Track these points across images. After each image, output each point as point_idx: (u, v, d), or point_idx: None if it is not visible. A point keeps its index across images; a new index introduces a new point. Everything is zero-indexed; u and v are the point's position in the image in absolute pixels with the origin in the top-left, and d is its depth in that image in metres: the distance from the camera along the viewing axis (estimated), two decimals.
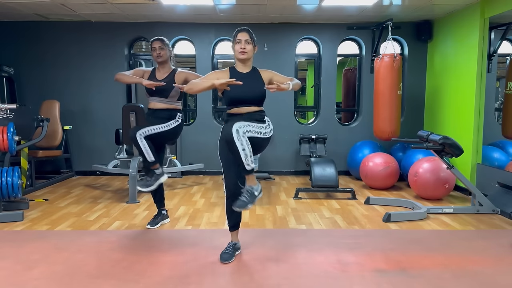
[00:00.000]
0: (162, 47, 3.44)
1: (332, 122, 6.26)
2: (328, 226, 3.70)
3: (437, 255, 2.96)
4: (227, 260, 2.81)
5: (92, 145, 6.15)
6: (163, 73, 3.50)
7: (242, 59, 2.80)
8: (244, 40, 2.78)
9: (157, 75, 3.49)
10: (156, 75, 3.49)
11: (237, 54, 2.80)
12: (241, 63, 2.84)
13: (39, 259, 2.87)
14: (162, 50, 3.44)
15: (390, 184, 5.20)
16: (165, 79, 3.43)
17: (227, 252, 2.87)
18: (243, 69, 2.85)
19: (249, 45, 2.79)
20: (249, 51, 2.80)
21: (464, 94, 5.00)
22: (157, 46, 3.44)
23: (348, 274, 2.65)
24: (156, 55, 3.44)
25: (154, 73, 3.51)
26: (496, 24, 4.98)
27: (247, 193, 2.64)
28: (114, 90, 6.11)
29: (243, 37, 2.78)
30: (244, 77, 2.78)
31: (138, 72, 3.53)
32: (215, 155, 2.99)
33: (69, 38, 6.02)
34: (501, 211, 4.05)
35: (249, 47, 2.79)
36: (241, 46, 2.77)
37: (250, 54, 2.81)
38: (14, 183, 3.82)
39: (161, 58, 3.45)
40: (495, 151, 5.09)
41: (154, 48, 3.45)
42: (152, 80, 3.41)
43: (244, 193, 2.65)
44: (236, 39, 2.80)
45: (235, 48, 2.81)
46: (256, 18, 5.69)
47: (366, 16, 5.58)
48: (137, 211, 4.19)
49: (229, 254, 2.85)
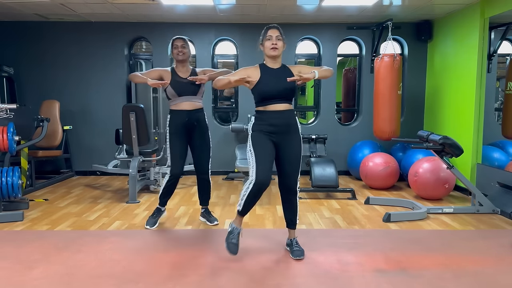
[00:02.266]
0: (184, 46, 3.47)
1: (332, 122, 6.26)
2: (328, 226, 3.70)
3: (437, 255, 2.96)
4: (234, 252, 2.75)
5: (92, 145, 6.15)
6: (185, 72, 3.50)
7: (273, 55, 2.83)
8: (275, 36, 2.81)
9: (179, 74, 3.48)
10: (179, 74, 3.48)
11: (268, 51, 2.83)
12: (271, 60, 2.87)
13: (39, 259, 2.87)
14: (184, 49, 3.46)
15: (390, 184, 5.20)
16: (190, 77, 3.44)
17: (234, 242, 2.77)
18: (273, 65, 2.88)
19: (280, 41, 2.83)
20: (280, 48, 2.83)
21: (464, 94, 5.00)
22: (179, 44, 3.46)
23: (348, 274, 2.65)
24: (177, 52, 3.45)
25: (175, 73, 3.49)
26: (496, 24, 4.98)
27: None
28: (114, 90, 6.11)
29: (274, 34, 2.82)
30: (274, 72, 2.83)
31: (154, 72, 3.51)
32: (215, 155, 2.99)
33: (69, 38, 6.02)
34: (501, 211, 4.05)
35: (280, 44, 2.83)
36: (272, 42, 2.80)
37: (280, 50, 2.85)
38: (14, 183, 3.82)
39: (182, 56, 3.46)
40: (495, 151, 5.09)
41: (176, 45, 3.46)
42: (178, 80, 3.42)
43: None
44: (266, 35, 2.83)
45: (266, 44, 2.83)
46: (256, 18, 5.69)
47: (366, 16, 5.58)
48: (137, 211, 4.19)
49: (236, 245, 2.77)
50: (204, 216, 3.79)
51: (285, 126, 2.81)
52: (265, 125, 2.79)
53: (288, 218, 2.98)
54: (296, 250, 2.92)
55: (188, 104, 3.45)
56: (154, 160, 5.03)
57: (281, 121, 2.80)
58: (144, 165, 5.00)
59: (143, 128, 4.62)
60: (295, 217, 2.96)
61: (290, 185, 2.87)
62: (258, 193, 2.71)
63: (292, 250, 2.94)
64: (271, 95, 2.79)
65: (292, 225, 2.98)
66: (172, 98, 3.47)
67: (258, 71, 2.84)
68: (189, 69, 3.55)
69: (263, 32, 2.86)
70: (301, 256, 2.88)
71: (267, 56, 2.87)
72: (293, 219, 2.96)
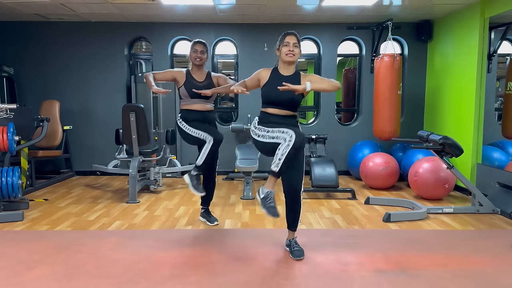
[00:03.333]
0: (203, 52, 3.50)
1: (332, 122, 6.26)
2: (328, 226, 3.70)
3: (437, 255, 2.96)
4: (276, 215, 2.77)
5: (92, 145, 6.15)
6: (200, 76, 3.54)
7: (288, 61, 2.87)
8: (293, 43, 2.85)
9: (195, 77, 3.51)
10: (196, 78, 3.51)
11: (284, 57, 2.86)
12: (286, 65, 2.91)
13: (39, 259, 2.87)
14: (203, 54, 3.50)
15: (390, 184, 5.20)
16: (204, 81, 3.51)
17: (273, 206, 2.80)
18: (285, 72, 2.92)
19: (297, 48, 2.87)
20: (296, 54, 2.87)
21: (464, 94, 5.00)
22: (199, 49, 3.49)
23: (348, 274, 2.65)
24: (195, 57, 3.48)
25: (191, 76, 3.52)
26: (496, 24, 4.98)
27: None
28: (114, 90, 6.12)
29: (292, 40, 2.84)
30: (283, 79, 2.85)
31: (168, 73, 3.55)
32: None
33: (69, 38, 6.02)
34: (501, 211, 4.05)
35: (297, 51, 2.87)
36: (290, 49, 2.84)
37: (297, 57, 2.89)
38: (14, 183, 3.82)
39: (200, 61, 3.49)
40: (495, 151, 5.09)
41: (195, 50, 3.49)
42: (192, 83, 3.45)
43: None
44: (284, 41, 2.86)
45: (282, 50, 2.87)
46: (256, 18, 5.70)
47: (366, 16, 5.58)
48: (137, 211, 4.19)
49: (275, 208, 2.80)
50: (204, 216, 3.79)
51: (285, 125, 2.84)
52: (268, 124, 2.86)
53: (290, 219, 2.97)
54: (296, 250, 2.93)
55: (199, 106, 3.49)
56: (154, 160, 5.03)
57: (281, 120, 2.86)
58: (144, 165, 5.00)
59: (143, 128, 4.62)
60: (297, 219, 2.96)
61: (293, 186, 2.87)
62: (296, 152, 2.69)
63: (292, 250, 2.95)
64: (272, 101, 2.86)
65: (293, 226, 2.98)
66: (184, 98, 3.51)
67: (268, 74, 2.92)
68: (205, 73, 3.59)
69: (280, 38, 2.89)
70: (301, 256, 2.89)
71: (282, 61, 2.90)
72: (295, 220, 2.96)
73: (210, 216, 3.77)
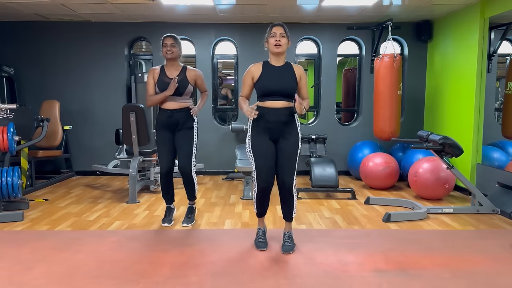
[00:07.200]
0: (173, 44, 3.47)
1: (332, 122, 6.26)
2: (328, 226, 3.70)
3: (437, 255, 2.97)
4: (263, 247, 3.04)
5: (92, 145, 6.15)
6: (173, 71, 3.50)
7: (276, 52, 2.87)
8: (279, 33, 2.85)
9: (167, 73, 3.49)
10: (167, 73, 3.48)
11: (272, 48, 2.87)
12: (275, 57, 2.92)
13: (39, 259, 2.87)
14: (173, 47, 3.47)
15: (390, 184, 5.20)
16: (177, 76, 3.44)
17: (261, 241, 3.08)
18: (276, 63, 2.93)
19: (284, 38, 2.87)
20: (284, 45, 2.87)
21: (464, 94, 5.00)
22: (169, 42, 3.46)
23: (348, 274, 2.65)
24: (166, 51, 3.45)
25: (164, 72, 3.50)
26: (496, 24, 4.98)
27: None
28: (114, 90, 6.11)
29: (278, 31, 2.86)
30: (276, 70, 2.89)
31: (150, 81, 3.51)
32: (215, 155, 3.02)
33: (69, 38, 6.02)
34: (501, 211, 4.05)
35: (284, 41, 2.87)
36: (276, 39, 2.84)
37: (284, 47, 2.88)
38: (14, 183, 3.82)
39: (171, 55, 3.46)
40: (495, 151, 5.09)
41: (165, 44, 3.46)
42: (162, 78, 3.44)
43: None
44: (271, 32, 2.88)
45: (270, 41, 2.88)
46: (256, 18, 5.70)
47: (366, 16, 5.58)
48: (137, 211, 4.19)
49: (264, 242, 3.08)
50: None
51: (281, 123, 2.87)
52: (263, 121, 2.87)
53: (284, 212, 3.07)
54: (286, 244, 3.02)
55: (172, 103, 3.46)
56: (154, 160, 5.02)
57: (277, 118, 2.86)
58: (144, 165, 5.00)
59: (143, 128, 4.62)
60: (291, 212, 3.03)
61: (285, 179, 2.92)
62: (264, 197, 2.98)
63: (283, 244, 3.04)
64: (270, 91, 2.86)
65: (288, 218, 3.07)
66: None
67: (260, 68, 2.92)
68: (179, 68, 3.53)
69: (268, 30, 2.91)
70: (289, 251, 2.97)
71: (271, 53, 2.91)
72: (288, 212, 3.04)
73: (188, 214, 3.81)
